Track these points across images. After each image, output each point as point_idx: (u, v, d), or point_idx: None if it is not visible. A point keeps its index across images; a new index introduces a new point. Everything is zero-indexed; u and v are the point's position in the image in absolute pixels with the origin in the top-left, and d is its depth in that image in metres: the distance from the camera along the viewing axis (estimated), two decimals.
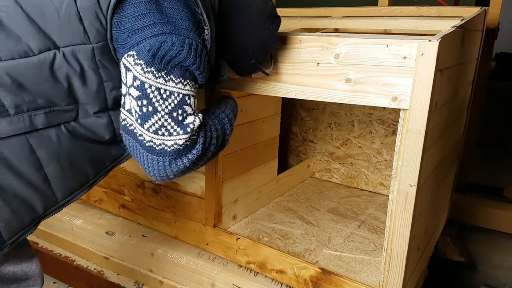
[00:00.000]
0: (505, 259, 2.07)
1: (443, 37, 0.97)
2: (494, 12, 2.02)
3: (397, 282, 1.12)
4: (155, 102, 0.85)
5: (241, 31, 1.03)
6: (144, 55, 0.83)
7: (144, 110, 0.85)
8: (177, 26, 0.85)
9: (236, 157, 1.55)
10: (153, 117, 0.86)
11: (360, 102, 1.07)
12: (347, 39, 1.06)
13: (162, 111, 0.86)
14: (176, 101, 0.87)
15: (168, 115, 0.86)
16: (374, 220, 1.73)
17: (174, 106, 0.87)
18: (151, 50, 0.83)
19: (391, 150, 1.98)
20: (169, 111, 0.86)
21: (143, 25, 0.84)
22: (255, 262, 1.41)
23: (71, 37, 0.85)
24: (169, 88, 0.86)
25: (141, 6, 0.84)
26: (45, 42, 0.83)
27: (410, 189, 1.03)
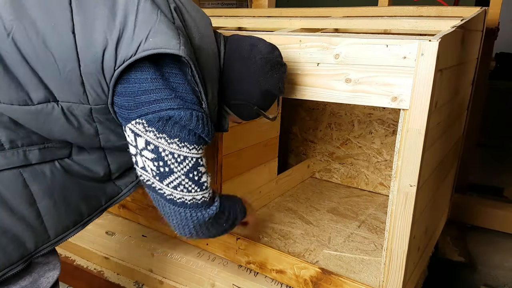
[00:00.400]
0: (505, 259, 2.07)
1: (443, 37, 0.97)
2: (494, 12, 2.02)
3: (397, 282, 1.12)
4: (170, 164, 0.89)
5: (244, 80, 1.04)
6: (155, 124, 0.86)
7: (161, 170, 0.90)
8: (184, 100, 0.87)
9: (236, 157, 1.55)
10: (171, 176, 0.91)
11: (360, 102, 1.07)
12: (347, 39, 1.06)
13: (178, 171, 0.91)
14: (191, 164, 0.91)
15: (184, 175, 0.91)
16: (374, 220, 1.73)
17: (190, 168, 0.91)
18: (161, 121, 0.85)
19: (391, 150, 1.98)
20: (185, 172, 0.91)
21: (150, 99, 0.85)
22: (255, 262, 1.41)
23: (70, 95, 0.85)
24: (183, 153, 0.90)
25: (147, 82, 0.85)
26: (45, 93, 0.84)
27: (410, 189, 1.03)
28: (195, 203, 0.94)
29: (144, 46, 0.82)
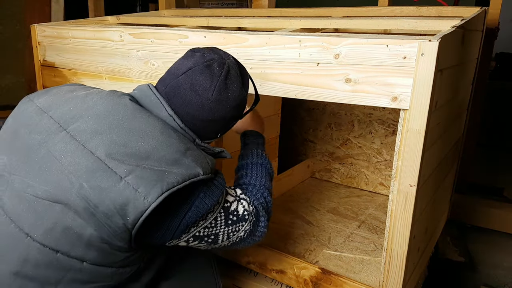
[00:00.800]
0: (505, 259, 2.07)
1: (443, 37, 0.97)
2: (494, 12, 2.02)
3: (397, 282, 1.12)
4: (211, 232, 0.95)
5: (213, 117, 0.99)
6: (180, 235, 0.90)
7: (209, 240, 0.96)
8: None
9: (236, 157, 1.55)
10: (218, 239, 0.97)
11: (360, 102, 1.07)
12: (347, 39, 1.06)
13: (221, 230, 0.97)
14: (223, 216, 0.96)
15: (226, 226, 0.97)
16: (374, 220, 1.73)
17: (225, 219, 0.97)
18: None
19: (391, 150, 1.98)
20: (225, 224, 0.97)
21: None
22: (255, 262, 1.41)
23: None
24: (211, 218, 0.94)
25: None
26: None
27: (410, 189, 1.03)
28: (249, 231, 1.01)
29: None
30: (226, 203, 0.97)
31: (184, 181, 0.84)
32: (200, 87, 0.95)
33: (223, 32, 1.33)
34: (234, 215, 0.98)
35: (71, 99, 0.96)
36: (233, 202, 0.99)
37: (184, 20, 1.98)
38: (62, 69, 1.81)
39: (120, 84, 1.62)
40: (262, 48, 1.22)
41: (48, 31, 1.83)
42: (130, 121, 0.90)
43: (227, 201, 0.98)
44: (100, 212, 0.80)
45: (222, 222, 0.96)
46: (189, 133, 0.99)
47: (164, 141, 0.89)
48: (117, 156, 0.83)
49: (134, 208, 0.79)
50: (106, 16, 2.42)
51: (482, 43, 1.79)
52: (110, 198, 0.79)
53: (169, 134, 0.92)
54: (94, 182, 0.80)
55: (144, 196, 0.79)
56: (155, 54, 1.47)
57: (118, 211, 0.79)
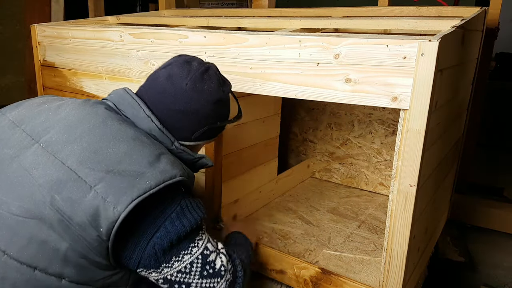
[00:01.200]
0: (505, 259, 2.07)
1: (443, 37, 0.97)
2: (494, 12, 2.02)
3: (397, 282, 1.12)
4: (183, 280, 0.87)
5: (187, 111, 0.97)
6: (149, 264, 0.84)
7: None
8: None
9: (236, 157, 1.55)
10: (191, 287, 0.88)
11: (360, 102, 1.07)
12: (347, 39, 1.06)
13: (195, 281, 0.88)
14: (200, 264, 0.89)
15: (200, 277, 0.89)
16: (374, 220, 1.73)
17: (201, 268, 0.89)
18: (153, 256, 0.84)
19: (391, 150, 1.98)
20: (199, 275, 0.88)
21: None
22: (255, 262, 1.41)
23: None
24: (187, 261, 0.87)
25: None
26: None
27: (410, 189, 1.03)
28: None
29: None
30: (206, 250, 0.90)
31: (157, 184, 0.81)
32: (176, 76, 0.95)
33: (223, 32, 1.33)
34: (211, 267, 0.90)
35: (43, 111, 0.95)
36: (213, 253, 0.92)
37: (184, 20, 1.98)
38: (62, 69, 1.81)
39: (120, 84, 1.62)
40: (262, 48, 1.22)
41: (48, 31, 1.83)
42: (101, 128, 0.88)
43: (207, 249, 0.91)
44: (75, 224, 0.78)
45: (197, 271, 0.88)
46: (167, 135, 0.96)
47: (137, 146, 0.86)
48: (87, 164, 0.81)
49: (105, 219, 0.77)
50: (106, 16, 2.42)
51: (482, 43, 1.79)
52: (82, 209, 0.77)
53: (141, 139, 0.89)
54: (66, 194, 0.78)
55: (113, 205, 0.77)
56: (155, 54, 1.47)
57: (91, 222, 0.77)
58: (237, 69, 1.29)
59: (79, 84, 1.77)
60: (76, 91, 1.79)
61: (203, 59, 1.34)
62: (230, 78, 1.30)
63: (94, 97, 1.73)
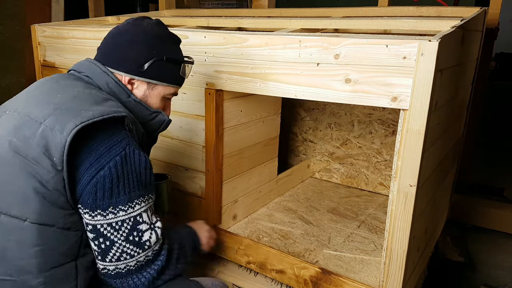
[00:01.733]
0: (505, 259, 2.07)
1: (443, 37, 0.97)
2: (494, 12, 2.02)
3: (397, 282, 1.12)
4: (110, 235, 0.91)
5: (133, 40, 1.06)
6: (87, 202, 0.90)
7: (102, 246, 0.92)
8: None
9: (236, 157, 1.55)
10: (111, 251, 0.92)
11: (360, 102, 1.07)
12: (347, 39, 1.06)
13: (118, 242, 0.92)
14: (129, 227, 0.93)
15: (125, 240, 0.92)
16: (374, 220, 1.73)
17: (129, 231, 0.93)
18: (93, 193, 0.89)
19: (391, 150, 1.98)
20: (125, 237, 0.92)
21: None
22: (255, 262, 1.41)
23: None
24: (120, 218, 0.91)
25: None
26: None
27: (410, 189, 1.03)
28: (139, 265, 0.95)
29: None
30: (139, 217, 0.94)
31: (102, 115, 0.88)
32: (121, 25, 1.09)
33: (223, 32, 1.34)
34: (138, 236, 0.94)
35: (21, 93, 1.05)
36: (145, 224, 0.95)
37: (184, 20, 1.98)
38: (62, 69, 1.81)
39: None
40: (262, 48, 1.22)
41: (48, 31, 1.83)
42: (54, 85, 1.00)
43: (141, 216, 0.94)
44: (32, 160, 0.86)
45: (125, 232, 0.92)
46: (123, 87, 1.04)
47: (86, 92, 0.97)
48: (38, 108, 0.91)
49: (54, 147, 0.85)
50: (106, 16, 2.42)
51: (482, 43, 1.79)
52: (35, 143, 0.86)
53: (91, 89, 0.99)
54: (21, 134, 0.87)
55: (60, 132, 0.85)
56: None
57: (44, 153, 0.85)
58: (237, 69, 1.29)
59: None
60: None
61: (203, 59, 1.36)
62: (230, 78, 1.31)
63: None
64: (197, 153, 1.47)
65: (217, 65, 1.33)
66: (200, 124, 1.44)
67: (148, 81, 1.07)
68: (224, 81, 1.33)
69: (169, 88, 1.12)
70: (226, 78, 1.32)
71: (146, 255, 0.96)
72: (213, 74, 1.35)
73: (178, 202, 1.58)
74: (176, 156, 1.54)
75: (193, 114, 1.44)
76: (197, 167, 1.49)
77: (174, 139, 1.52)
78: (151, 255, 0.97)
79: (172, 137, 1.53)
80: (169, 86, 1.11)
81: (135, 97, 1.06)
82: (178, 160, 1.53)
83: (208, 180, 1.46)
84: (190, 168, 1.51)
